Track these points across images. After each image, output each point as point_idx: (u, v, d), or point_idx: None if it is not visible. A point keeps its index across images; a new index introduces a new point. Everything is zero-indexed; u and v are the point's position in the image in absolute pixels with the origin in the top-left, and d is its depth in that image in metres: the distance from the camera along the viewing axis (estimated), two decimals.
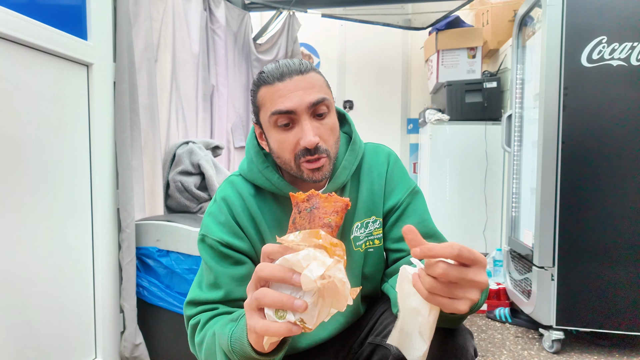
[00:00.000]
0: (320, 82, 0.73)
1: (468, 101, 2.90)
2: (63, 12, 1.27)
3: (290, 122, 0.71)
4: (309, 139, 0.69)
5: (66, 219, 1.29)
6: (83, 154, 1.36)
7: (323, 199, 0.53)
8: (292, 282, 0.48)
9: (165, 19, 1.95)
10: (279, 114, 0.69)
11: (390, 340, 0.57)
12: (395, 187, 0.83)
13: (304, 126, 0.69)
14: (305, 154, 0.70)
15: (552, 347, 1.83)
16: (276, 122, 0.71)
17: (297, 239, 0.49)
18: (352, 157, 0.81)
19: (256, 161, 0.79)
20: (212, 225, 0.77)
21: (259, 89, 0.73)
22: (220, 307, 0.75)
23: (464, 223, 2.92)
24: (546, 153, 1.78)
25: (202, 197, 1.84)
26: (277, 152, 0.74)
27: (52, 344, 1.25)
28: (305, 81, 0.70)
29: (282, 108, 0.69)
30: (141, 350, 1.51)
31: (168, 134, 1.97)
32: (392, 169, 0.84)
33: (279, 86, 0.70)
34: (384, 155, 0.85)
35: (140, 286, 1.54)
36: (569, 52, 1.73)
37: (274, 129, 0.72)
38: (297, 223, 0.53)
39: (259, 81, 0.73)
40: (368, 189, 0.82)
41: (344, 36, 3.86)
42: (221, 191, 0.81)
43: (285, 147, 0.72)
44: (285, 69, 0.71)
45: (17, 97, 1.12)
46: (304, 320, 0.48)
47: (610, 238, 1.73)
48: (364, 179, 0.83)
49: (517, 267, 2.10)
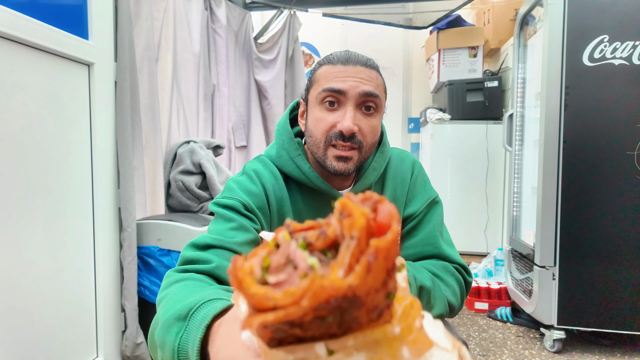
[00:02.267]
0: (379, 82, 0.74)
1: (469, 100, 2.90)
2: (64, 12, 1.28)
3: (337, 103, 0.71)
4: (347, 124, 0.68)
5: (67, 218, 1.29)
6: (84, 153, 1.36)
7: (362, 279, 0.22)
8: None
9: (167, 18, 1.95)
10: (330, 91, 0.70)
11: None
12: (416, 196, 0.82)
13: (347, 112, 0.69)
14: (338, 137, 0.69)
15: (554, 346, 1.83)
16: (324, 99, 0.71)
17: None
18: (382, 159, 0.81)
19: (288, 147, 0.77)
20: (237, 189, 0.72)
21: (320, 67, 0.74)
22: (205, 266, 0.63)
23: (465, 222, 2.92)
24: (547, 152, 1.77)
25: (203, 197, 1.84)
26: (312, 130, 0.73)
27: (53, 343, 1.25)
28: (366, 74, 0.71)
29: (334, 86, 0.69)
30: (142, 350, 1.51)
31: (169, 134, 1.98)
32: (415, 177, 0.84)
33: (341, 68, 0.71)
34: (410, 163, 0.85)
35: (142, 285, 1.54)
36: (571, 51, 1.73)
37: (319, 106, 0.72)
38: (310, 331, 0.24)
39: (324, 60, 0.74)
40: (391, 194, 0.82)
41: (345, 35, 3.86)
42: (252, 165, 0.78)
43: (321, 125, 0.71)
44: (353, 57, 0.72)
45: (18, 97, 1.12)
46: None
47: (611, 237, 1.72)
48: (389, 183, 0.83)
49: (519, 266, 2.10)
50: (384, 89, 0.76)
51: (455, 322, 2.20)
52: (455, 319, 2.23)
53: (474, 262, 2.80)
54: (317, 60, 0.76)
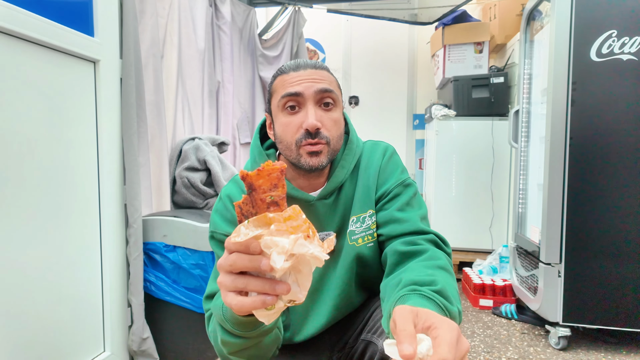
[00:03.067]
0: (331, 79, 0.79)
1: (475, 96, 2.88)
2: (70, 9, 1.28)
3: (297, 106, 0.76)
4: (310, 121, 0.74)
5: (74, 214, 1.30)
6: (90, 150, 1.37)
7: (255, 177, 0.49)
8: (262, 269, 0.47)
9: (171, 15, 1.95)
10: (288, 96, 0.75)
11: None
12: (387, 179, 0.85)
13: (308, 110, 0.75)
14: (307, 136, 0.75)
15: (559, 343, 1.83)
16: (284, 105, 0.76)
17: (249, 230, 0.46)
18: (350, 156, 0.85)
19: (259, 161, 0.84)
20: (219, 221, 0.81)
21: (275, 79, 0.80)
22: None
23: (470, 219, 2.91)
24: (554, 149, 1.76)
25: (208, 193, 1.85)
26: (281, 136, 0.78)
27: (61, 338, 1.27)
28: (317, 74, 0.77)
29: (291, 90, 0.75)
30: (149, 344, 1.52)
31: (174, 130, 1.98)
32: (386, 162, 0.86)
33: (293, 74, 0.77)
34: (381, 151, 0.87)
35: (148, 281, 1.55)
36: (578, 46, 1.71)
37: (282, 113, 0.77)
38: (243, 209, 0.50)
39: (277, 72, 0.80)
40: (364, 184, 0.85)
41: (350, 31, 3.84)
42: (226, 189, 0.85)
43: (289, 129, 0.76)
44: (302, 62, 0.78)
45: (24, 94, 1.13)
46: (293, 300, 0.48)
47: (618, 235, 1.71)
48: (362, 174, 0.85)
49: (524, 263, 2.09)
50: (338, 85, 0.82)
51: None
52: None
53: (479, 258, 2.79)
54: (274, 74, 0.82)
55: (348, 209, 0.84)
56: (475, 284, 2.38)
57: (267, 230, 0.46)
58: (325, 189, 0.83)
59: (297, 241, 0.45)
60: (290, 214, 0.47)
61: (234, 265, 0.48)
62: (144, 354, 1.52)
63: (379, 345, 0.73)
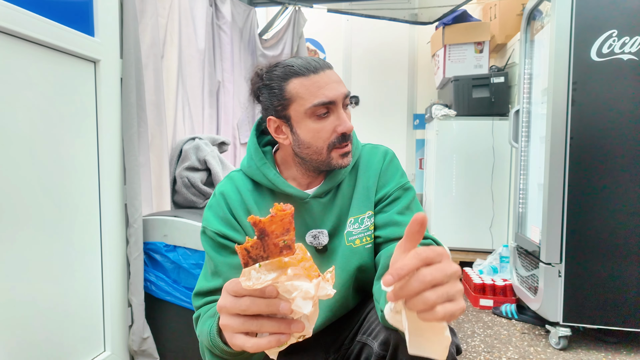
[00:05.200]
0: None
1: (475, 96, 2.88)
2: (70, 9, 1.28)
3: (328, 112, 0.76)
4: (349, 125, 0.76)
5: (74, 214, 1.30)
6: (91, 149, 1.37)
7: (268, 223, 0.47)
8: (281, 312, 0.47)
9: (172, 15, 1.95)
10: (323, 105, 0.74)
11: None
12: (387, 182, 0.85)
13: (341, 115, 0.76)
14: (342, 140, 0.77)
15: (559, 343, 1.83)
16: (315, 112, 0.75)
17: (261, 274, 0.46)
18: None
19: (255, 158, 0.84)
20: (211, 218, 0.81)
21: (289, 82, 0.75)
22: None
23: (470, 219, 2.91)
24: (554, 149, 1.76)
25: (208, 193, 1.85)
26: (310, 142, 0.77)
27: (61, 337, 1.27)
28: (335, 75, 0.78)
29: (324, 99, 0.74)
30: (149, 344, 1.53)
31: (174, 130, 1.98)
32: (386, 165, 0.87)
33: (315, 78, 0.74)
34: (381, 154, 0.88)
35: (148, 281, 1.55)
36: (578, 46, 1.71)
37: (311, 119, 0.76)
38: (251, 252, 0.48)
39: (289, 73, 0.75)
40: (364, 185, 0.85)
41: (350, 31, 3.84)
42: (220, 186, 0.85)
43: (321, 135, 0.76)
44: (316, 63, 0.76)
45: (25, 94, 1.13)
46: (303, 335, 0.50)
47: (618, 235, 1.71)
48: (361, 176, 0.86)
49: (524, 263, 2.09)
50: None
51: (460, 319, 2.20)
52: (461, 315, 2.23)
53: (479, 258, 2.79)
54: (277, 75, 0.77)
55: (345, 209, 0.84)
56: (476, 284, 2.38)
57: (285, 276, 0.47)
58: (321, 188, 0.83)
59: (319, 285, 0.47)
60: (302, 256, 0.48)
61: (247, 310, 0.48)
62: (144, 353, 1.53)
63: (374, 348, 0.73)
